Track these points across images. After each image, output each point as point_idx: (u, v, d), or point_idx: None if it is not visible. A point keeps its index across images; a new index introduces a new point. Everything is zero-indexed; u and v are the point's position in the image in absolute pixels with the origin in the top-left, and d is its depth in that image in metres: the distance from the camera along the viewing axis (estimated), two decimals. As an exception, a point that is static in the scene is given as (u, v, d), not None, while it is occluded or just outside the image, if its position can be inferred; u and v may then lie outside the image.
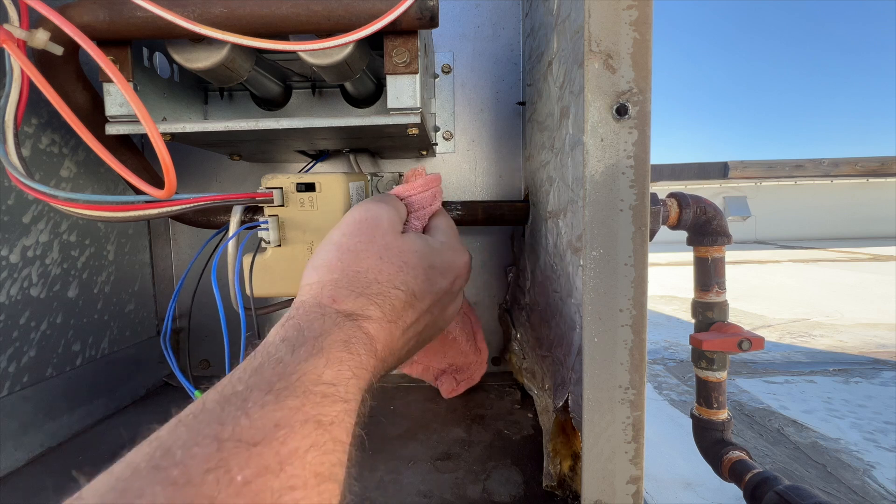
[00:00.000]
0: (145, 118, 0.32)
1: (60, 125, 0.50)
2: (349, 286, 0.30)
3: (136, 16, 0.36)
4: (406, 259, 0.33)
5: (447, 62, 0.66)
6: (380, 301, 0.30)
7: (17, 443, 0.46)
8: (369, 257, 0.32)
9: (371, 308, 0.29)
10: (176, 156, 0.34)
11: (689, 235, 0.66)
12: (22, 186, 0.34)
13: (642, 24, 0.29)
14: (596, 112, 0.30)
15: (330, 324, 0.27)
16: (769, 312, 3.33)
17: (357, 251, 0.32)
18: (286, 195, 0.40)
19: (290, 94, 0.57)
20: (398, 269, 0.32)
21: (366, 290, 0.30)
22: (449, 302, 0.37)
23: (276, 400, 0.21)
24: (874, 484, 1.43)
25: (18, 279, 0.46)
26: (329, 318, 0.27)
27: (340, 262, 0.31)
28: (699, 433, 0.71)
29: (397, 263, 0.32)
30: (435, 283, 0.35)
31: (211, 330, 0.69)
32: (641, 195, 0.30)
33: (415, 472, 0.43)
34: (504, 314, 0.68)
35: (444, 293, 0.36)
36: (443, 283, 0.35)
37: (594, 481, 0.32)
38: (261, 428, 0.20)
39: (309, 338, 0.25)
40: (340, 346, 0.26)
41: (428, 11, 0.36)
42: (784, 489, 0.58)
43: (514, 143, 0.67)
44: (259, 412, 0.20)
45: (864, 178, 7.01)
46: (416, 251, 0.34)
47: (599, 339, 0.31)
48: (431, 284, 0.34)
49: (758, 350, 0.63)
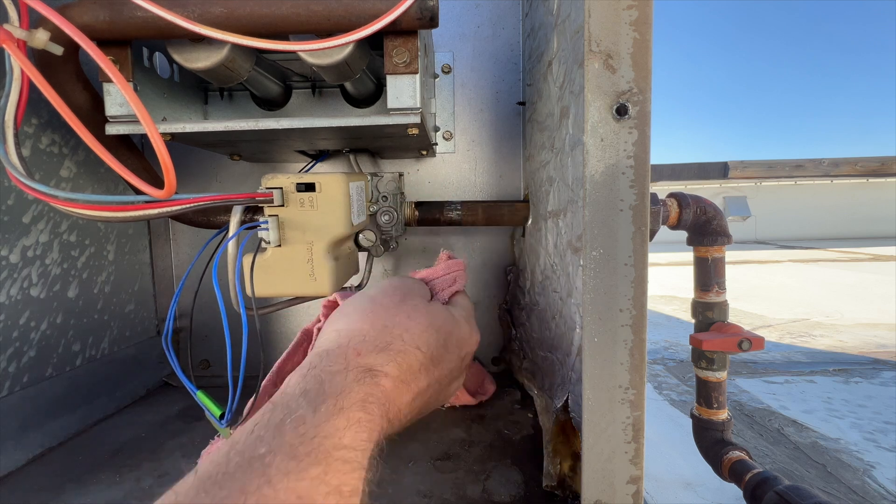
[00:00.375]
0: (145, 118, 0.32)
1: (60, 125, 0.50)
2: (375, 340, 0.31)
3: (136, 16, 0.36)
4: (432, 321, 0.35)
5: (447, 62, 0.66)
6: (400, 359, 0.31)
7: (17, 443, 0.46)
8: (399, 315, 0.33)
9: (390, 365, 0.30)
10: (176, 156, 0.34)
11: (689, 235, 0.66)
12: (22, 186, 0.34)
13: (642, 24, 0.29)
14: (596, 112, 0.30)
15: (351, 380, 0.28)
16: (769, 312, 3.33)
17: (388, 307, 0.34)
18: (286, 195, 0.40)
19: (290, 94, 0.57)
20: (423, 330, 0.33)
21: (390, 345, 0.31)
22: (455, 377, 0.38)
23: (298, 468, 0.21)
24: (874, 484, 1.43)
25: (18, 279, 0.46)
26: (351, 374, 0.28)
27: (372, 313, 0.33)
28: (699, 433, 0.71)
29: (423, 324, 0.34)
30: (451, 351, 0.36)
31: (211, 330, 0.69)
32: (641, 195, 0.30)
33: (415, 472, 0.43)
34: (504, 314, 0.68)
35: (455, 366, 0.37)
36: (456, 354, 0.37)
37: (594, 481, 0.32)
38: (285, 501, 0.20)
39: (330, 394, 0.26)
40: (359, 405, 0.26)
41: (428, 11, 0.36)
42: (784, 489, 0.58)
43: (514, 143, 0.67)
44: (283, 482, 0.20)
45: (864, 178, 7.01)
46: (441, 316, 0.36)
47: (599, 339, 0.31)
48: (448, 352, 0.35)
49: (758, 350, 0.63)
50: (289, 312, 0.70)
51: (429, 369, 0.33)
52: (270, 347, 0.69)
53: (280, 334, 0.70)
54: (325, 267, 0.41)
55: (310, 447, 0.22)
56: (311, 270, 0.41)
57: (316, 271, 0.41)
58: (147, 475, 0.44)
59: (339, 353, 0.30)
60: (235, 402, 0.39)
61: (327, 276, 0.41)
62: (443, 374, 0.35)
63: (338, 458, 0.23)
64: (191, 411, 0.57)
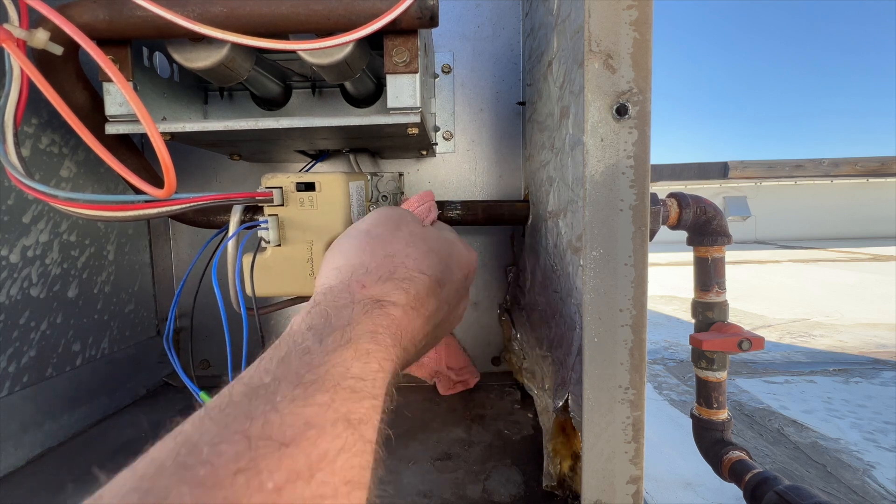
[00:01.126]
0: (145, 118, 0.32)
1: (60, 125, 0.50)
2: (378, 270, 0.30)
3: (135, 15, 0.36)
4: (431, 245, 0.34)
5: (447, 62, 0.66)
6: (406, 286, 0.30)
7: (17, 443, 0.46)
8: (396, 242, 0.32)
9: (397, 293, 0.29)
10: (176, 156, 0.34)
11: (689, 235, 0.66)
12: (22, 186, 0.34)
13: (642, 24, 0.29)
14: (596, 112, 0.30)
15: (358, 312, 0.27)
16: (769, 312, 3.33)
17: (384, 237, 0.33)
18: (286, 195, 0.40)
19: (290, 93, 0.57)
20: (424, 254, 0.32)
21: (393, 274, 0.30)
22: (463, 296, 0.38)
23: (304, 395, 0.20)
24: (874, 484, 1.43)
25: (18, 279, 0.46)
26: (358, 306, 0.27)
27: (370, 245, 0.32)
28: (699, 433, 0.71)
29: (423, 249, 0.33)
30: (454, 271, 0.35)
31: (210, 330, 0.69)
32: (641, 195, 0.30)
33: (415, 472, 0.43)
34: (504, 314, 0.68)
35: (460, 285, 0.36)
36: (459, 273, 0.36)
37: (594, 481, 0.32)
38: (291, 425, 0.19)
39: (337, 327, 0.25)
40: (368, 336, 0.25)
41: (428, 11, 0.36)
42: (784, 489, 0.58)
43: (514, 143, 0.67)
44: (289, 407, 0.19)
45: (864, 178, 7.01)
46: (439, 238, 0.35)
47: (599, 339, 0.31)
48: (451, 273, 0.34)
49: (758, 350, 0.63)
50: (289, 312, 0.70)
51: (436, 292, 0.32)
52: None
53: (280, 334, 0.69)
54: (325, 267, 0.41)
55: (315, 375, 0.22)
56: (311, 270, 0.41)
57: (316, 271, 0.41)
58: (147, 475, 0.44)
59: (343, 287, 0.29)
60: (235, 402, 0.39)
61: (327, 276, 0.41)
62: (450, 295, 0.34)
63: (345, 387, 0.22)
64: (191, 411, 0.56)
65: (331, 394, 0.21)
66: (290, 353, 0.23)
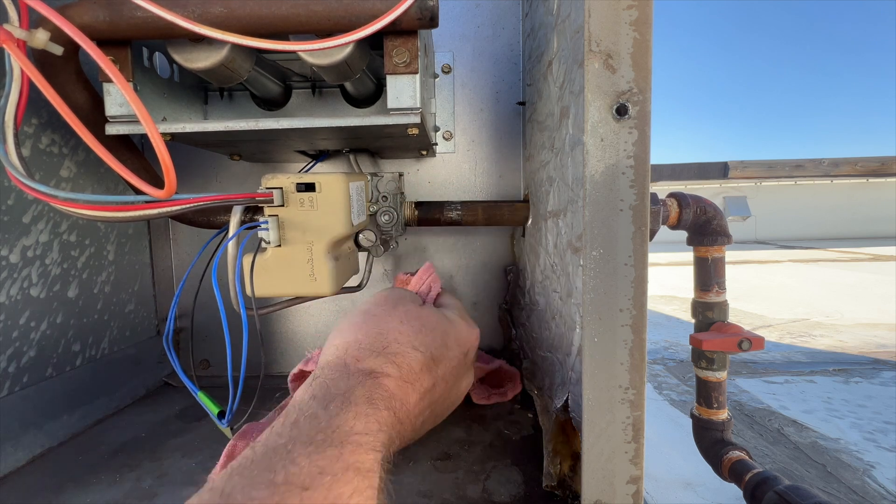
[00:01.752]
0: (145, 118, 0.32)
1: (60, 125, 0.50)
2: (370, 346, 0.33)
3: (136, 16, 0.36)
4: (425, 322, 0.36)
5: (447, 62, 0.66)
6: (398, 361, 0.32)
7: (17, 443, 0.46)
8: (391, 321, 0.35)
9: (389, 367, 0.32)
10: (176, 156, 0.34)
11: (689, 235, 0.66)
12: (22, 186, 0.34)
13: (642, 24, 0.29)
14: (596, 112, 0.30)
15: (354, 382, 0.29)
16: (769, 312, 3.33)
17: (380, 316, 0.35)
18: (286, 195, 0.40)
19: (290, 94, 0.57)
20: (417, 332, 0.35)
21: (385, 349, 0.33)
22: (463, 374, 0.39)
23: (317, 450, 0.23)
24: (874, 484, 1.43)
25: (18, 279, 0.46)
26: (353, 377, 0.30)
27: (365, 324, 0.34)
28: (699, 433, 0.71)
29: (416, 326, 0.35)
30: (450, 349, 0.37)
31: (210, 330, 0.69)
32: (641, 195, 0.30)
33: (415, 472, 0.43)
34: (504, 314, 0.68)
35: (458, 363, 0.38)
36: (457, 350, 0.37)
37: (594, 481, 0.32)
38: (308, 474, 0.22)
39: (336, 395, 0.28)
40: (365, 401, 0.28)
41: (428, 11, 0.36)
42: (784, 489, 0.58)
43: (514, 143, 0.67)
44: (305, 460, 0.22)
45: (864, 178, 7.01)
46: (434, 316, 0.37)
47: (599, 339, 0.31)
48: (447, 350, 0.36)
49: (758, 350, 0.63)
50: (289, 312, 0.70)
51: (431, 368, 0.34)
52: (270, 348, 0.69)
53: (280, 334, 0.70)
54: (326, 267, 0.41)
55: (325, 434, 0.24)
56: (311, 270, 0.41)
57: (316, 271, 0.41)
58: (147, 475, 0.44)
59: (339, 362, 0.31)
60: (236, 402, 0.39)
61: (327, 276, 0.41)
62: (447, 372, 0.36)
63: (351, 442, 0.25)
64: (191, 411, 0.57)
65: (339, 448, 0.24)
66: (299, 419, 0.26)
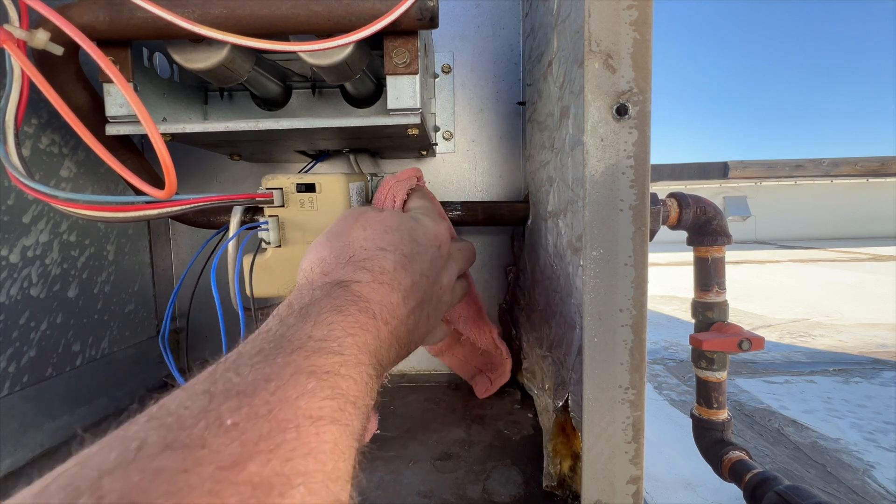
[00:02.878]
0: (145, 118, 0.32)
1: (60, 125, 0.50)
2: (336, 259, 0.31)
3: (136, 16, 0.36)
4: (388, 224, 0.34)
5: (447, 62, 0.66)
6: (368, 265, 0.30)
7: (17, 443, 0.46)
8: (353, 230, 0.33)
9: (360, 273, 0.30)
10: (176, 156, 0.34)
11: (689, 235, 0.66)
12: (22, 186, 0.34)
13: (642, 24, 0.29)
14: (596, 112, 0.30)
15: (319, 294, 0.27)
16: (769, 312, 3.33)
17: (341, 231, 0.33)
18: (286, 195, 0.40)
19: (290, 94, 0.57)
20: (381, 234, 0.33)
21: (352, 257, 0.31)
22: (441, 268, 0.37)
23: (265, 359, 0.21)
24: (874, 484, 1.43)
25: (18, 279, 0.46)
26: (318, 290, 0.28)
27: (328, 241, 0.33)
28: (699, 433, 0.71)
29: (380, 229, 0.33)
30: (420, 244, 0.35)
31: (209, 329, 0.69)
32: (641, 195, 0.30)
33: (415, 472, 0.43)
34: (504, 314, 0.68)
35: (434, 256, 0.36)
36: (428, 244, 0.36)
37: (594, 481, 0.32)
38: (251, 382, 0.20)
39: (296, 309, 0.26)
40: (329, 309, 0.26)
41: (428, 12, 0.36)
42: (784, 489, 0.58)
43: (514, 143, 0.67)
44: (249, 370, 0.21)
45: (864, 178, 7.01)
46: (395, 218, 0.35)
47: (599, 339, 0.31)
48: (417, 245, 0.34)
49: (758, 350, 0.63)
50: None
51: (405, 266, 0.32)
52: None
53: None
54: (325, 267, 0.41)
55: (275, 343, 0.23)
56: (311, 270, 0.41)
57: (316, 271, 0.41)
58: (147, 475, 0.44)
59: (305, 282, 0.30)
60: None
61: (327, 277, 0.41)
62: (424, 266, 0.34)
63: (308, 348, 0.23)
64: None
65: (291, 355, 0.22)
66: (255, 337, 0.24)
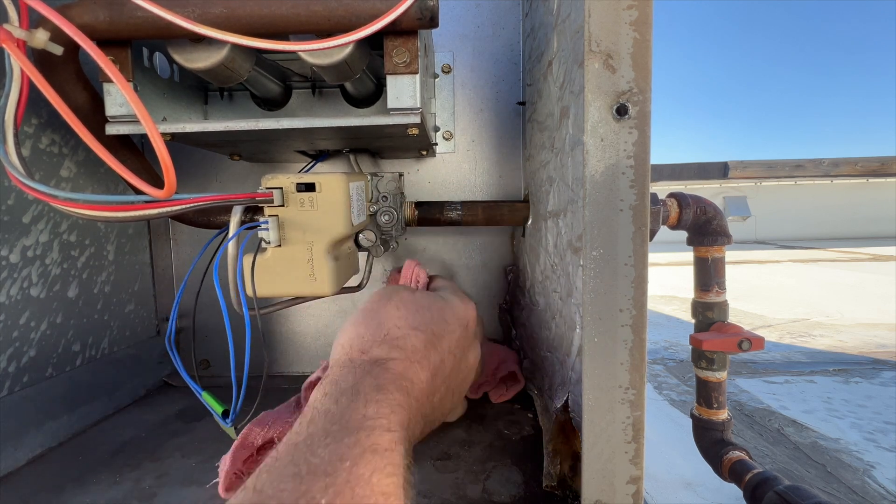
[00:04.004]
0: (145, 118, 0.32)
1: (60, 125, 0.50)
2: (372, 337, 0.34)
3: (136, 16, 0.36)
4: (420, 304, 0.38)
5: (447, 62, 0.66)
6: (401, 343, 0.34)
7: (17, 443, 0.46)
8: (388, 310, 0.37)
9: (393, 351, 0.33)
10: (176, 156, 0.34)
11: (689, 235, 0.66)
12: (22, 186, 0.34)
13: (642, 24, 0.29)
14: (596, 112, 0.30)
15: (361, 373, 0.31)
16: (769, 312, 3.33)
17: (376, 309, 0.37)
18: (286, 195, 0.40)
19: (290, 94, 0.57)
20: (413, 314, 0.37)
21: (386, 336, 0.34)
22: (468, 346, 0.41)
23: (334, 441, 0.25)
24: (874, 484, 1.43)
25: (18, 279, 0.46)
26: (359, 369, 0.31)
27: (364, 319, 0.36)
28: (699, 433, 0.71)
29: (412, 309, 0.37)
30: (450, 323, 0.38)
31: (210, 330, 0.69)
32: (641, 195, 0.30)
33: (414, 472, 0.43)
34: (504, 314, 0.68)
35: (461, 335, 0.39)
36: (456, 324, 0.39)
37: (594, 481, 0.32)
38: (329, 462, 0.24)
39: (346, 388, 0.29)
40: (373, 388, 0.29)
41: (428, 11, 0.36)
42: (784, 489, 0.58)
43: (514, 143, 0.67)
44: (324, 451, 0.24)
45: (864, 178, 7.01)
46: (427, 298, 0.39)
47: (599, 339, 0.31)
48: (447, 325, 0.38)
49: (758, 350, 0.63)
50: (289, 312, 0.70)
51: (434, 344, 0.36)
52: (270, 348, 0.69)
53: (280, 334, 0.70)
54: (326, 267, 0.41)
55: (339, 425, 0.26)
56: (312, 270, 0.41)
57: (316, 271, 0.41)
58: (147, 475, 0.44)
59: (345, 359, 0.33)
60: (239, 402, 0.39)
61: (327, 276, 0.41)
62: (452, 346, 0.38)
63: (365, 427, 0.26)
64: (191, 411, 0.57)
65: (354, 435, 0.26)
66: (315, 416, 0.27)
